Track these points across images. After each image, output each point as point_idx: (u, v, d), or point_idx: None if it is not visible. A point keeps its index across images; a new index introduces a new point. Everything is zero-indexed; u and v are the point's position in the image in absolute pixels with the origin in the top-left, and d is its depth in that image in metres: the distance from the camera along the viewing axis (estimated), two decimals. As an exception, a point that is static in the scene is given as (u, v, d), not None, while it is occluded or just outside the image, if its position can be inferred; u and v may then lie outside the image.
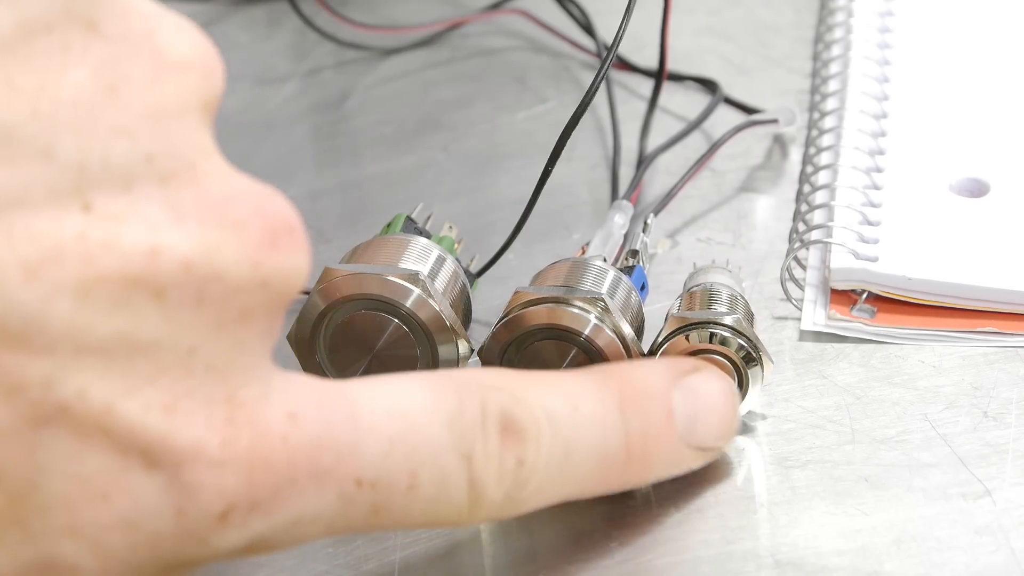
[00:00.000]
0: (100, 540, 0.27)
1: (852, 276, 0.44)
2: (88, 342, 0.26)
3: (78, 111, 0.27)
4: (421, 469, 0.31)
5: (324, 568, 0.38)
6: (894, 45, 0.55)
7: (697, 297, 0.41)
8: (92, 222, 0.27)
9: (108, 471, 0.27)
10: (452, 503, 0.31)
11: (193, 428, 0.28)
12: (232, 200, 0.28)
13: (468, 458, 0.31)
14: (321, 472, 0.29)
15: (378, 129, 0.56)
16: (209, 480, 0.28)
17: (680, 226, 0.49)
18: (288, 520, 0.29)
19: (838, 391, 0.42)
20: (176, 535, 0.28)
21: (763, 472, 0.39)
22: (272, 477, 0.29)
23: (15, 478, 0.26)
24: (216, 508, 0.28)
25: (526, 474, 0.32)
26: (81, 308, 0.26)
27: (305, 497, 0.29)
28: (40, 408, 0.26)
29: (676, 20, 0.55)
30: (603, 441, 0.34)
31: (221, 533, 0.28)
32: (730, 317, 0.39)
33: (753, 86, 0.56)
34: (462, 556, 0.38)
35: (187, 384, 0.28)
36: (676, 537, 0.37)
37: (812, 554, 0.37)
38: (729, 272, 0.43)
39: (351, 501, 0.30)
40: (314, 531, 0.30)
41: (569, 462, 0.33)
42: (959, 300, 0.44)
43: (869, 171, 0.48)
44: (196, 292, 0.27)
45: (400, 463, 0.30)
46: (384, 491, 0.30)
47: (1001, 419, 0.40)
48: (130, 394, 0.27)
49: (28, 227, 0.26)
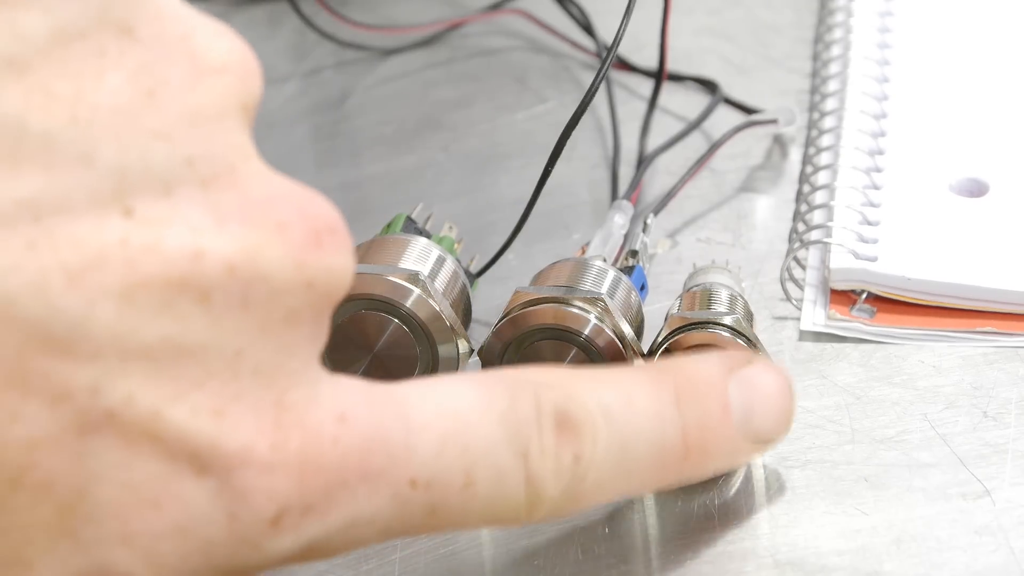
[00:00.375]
0: (152, 549, 0.27)
1: (852, 276, 0.44)
2: (133, 347, 0.26)
3: (116, 116, 0.27)
4: (476, 467, 0.30)
5: (324, 568, 0.38)
6: (894, 45, 0.55)
7: (697, 297, 0.41)
8: (134, 227, 0.26)
9: (158, 478, 0.27)
10: (510, 501, 0.31)
11: (242, 432, 0.27)
12: (273, 201, 0.28)
13: (524, 455, 0.31)
14: (373, 473, 0.29)
15: (378, 129, 0.56)
16: (260, 484, 0.28)
17: (680, 226, 0.49)
18: (343, 523, 0.29)
19: (838, 391, 0.42)
20: (229, 541, 0.28)
21: (763, 472, 0.39)
22: (324, 479, 0.28)
23: (64, 487, 0.26)
24: (268, 512, 0.28)
25: (583, 470, 0.32)
26: (125, 313, 0.26)
27: (359, 499, 0.29)
28: (87, 415, 0.26)
29: (676, 20, 0.55)
30: (660, 435, 0.34)
31: (274, 538, 0.28)
32: (729, 317, 0.40)
33: (753, 86, 0.56)
34: (462, 556, 0.38)
35: (235, 388, 0.27)
36: (676, 537, 0.38)
37: (812, 554, 0.37)
38: (729, 272, 0.43)
39: (406, 502, 0.30)
40: (371, 533, 0.30)
41: (626, 456, 0.33)
42: (959, 300, 0.44)
43: (869, 171, 0.48)
44: (241, 294, 0.27)
45: (454, 462, 0.30)
46: (439, 491, 0.30)
47: (1001, 419, 0.40)
48: (178, 399, 0.27)
49: (70, 233, 0.26)
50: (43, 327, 0.25)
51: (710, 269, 0.43)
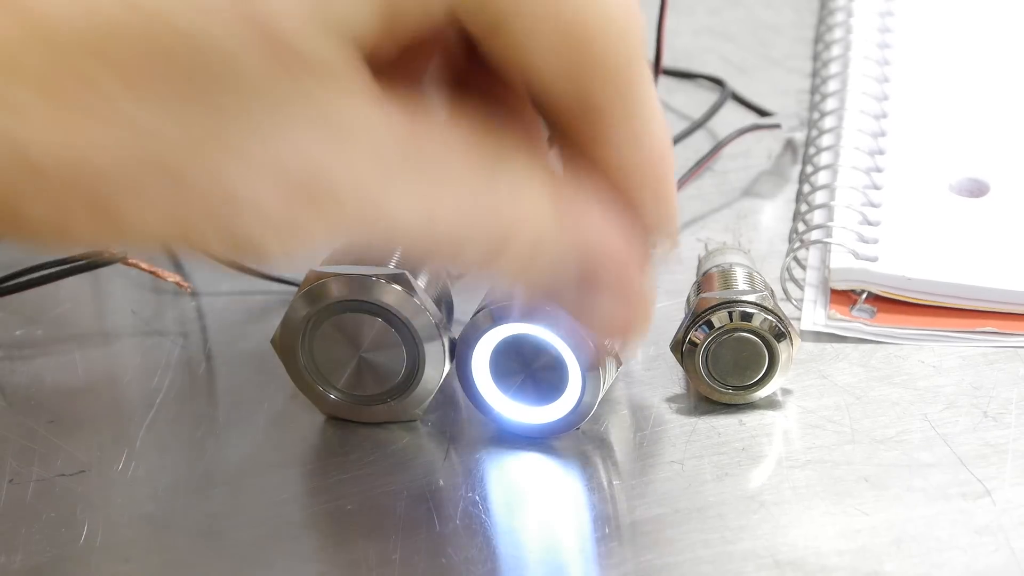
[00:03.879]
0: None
1: (852, 276, 0.44)
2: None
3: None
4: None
5: (324, 567, 0.38)
6: (894, 45, 0.55)
7: (716, 278, 0.42)
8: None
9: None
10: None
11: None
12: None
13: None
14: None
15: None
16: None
17: (680, 226, 0.49)
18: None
19: (838, 391, 0.42)
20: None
21: (763, 472, 0.39)
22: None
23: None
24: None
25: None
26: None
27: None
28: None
29: (676, 20, 0.55)
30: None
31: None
32: (755, 295, 0.40)
33: (753, 86, 0.56)
34: (463, 556, 0.38)
35: None
36: (676, 537, 0.38)
37: (812, 554, 0.37)
38: (742, 251, 0.44)
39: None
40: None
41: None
42: (959, 300, 0.44)
43: (869, 171, 0.48)
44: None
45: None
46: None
47: (1001, 419, 0.40)
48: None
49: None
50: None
51: (725, 250, 0.44)
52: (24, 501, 0.40)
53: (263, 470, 0.41)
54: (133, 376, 0.44)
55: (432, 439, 0.41)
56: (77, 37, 0.27)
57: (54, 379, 0.44)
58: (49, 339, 0.46)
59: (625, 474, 0.40)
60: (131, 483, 0.40)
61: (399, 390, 0.41)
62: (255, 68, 0.27)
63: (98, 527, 0.39)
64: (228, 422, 0.42)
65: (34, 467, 0.41)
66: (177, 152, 0.27)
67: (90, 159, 0.27)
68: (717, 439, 0.40)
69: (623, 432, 0.41)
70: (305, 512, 0.39)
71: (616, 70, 0.31)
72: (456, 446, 0.41)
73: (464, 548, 0.38)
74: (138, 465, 0.41)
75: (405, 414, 0.41)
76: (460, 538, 0.38)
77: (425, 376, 0.40)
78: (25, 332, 0.46)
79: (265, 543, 0.38)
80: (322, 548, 0.38)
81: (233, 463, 0.41)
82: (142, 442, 0.41)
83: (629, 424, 0.41)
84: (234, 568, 0.38)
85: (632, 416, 0.41)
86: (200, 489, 0.40)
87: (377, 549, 0.38)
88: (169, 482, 0.40)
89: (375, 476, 0.40)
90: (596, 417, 0.41)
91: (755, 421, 0.41)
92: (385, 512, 0.39)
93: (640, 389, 0.42)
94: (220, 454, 0.41)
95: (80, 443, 0.41)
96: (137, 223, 0.28)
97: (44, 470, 0.41)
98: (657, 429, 0.41)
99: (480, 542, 0.38)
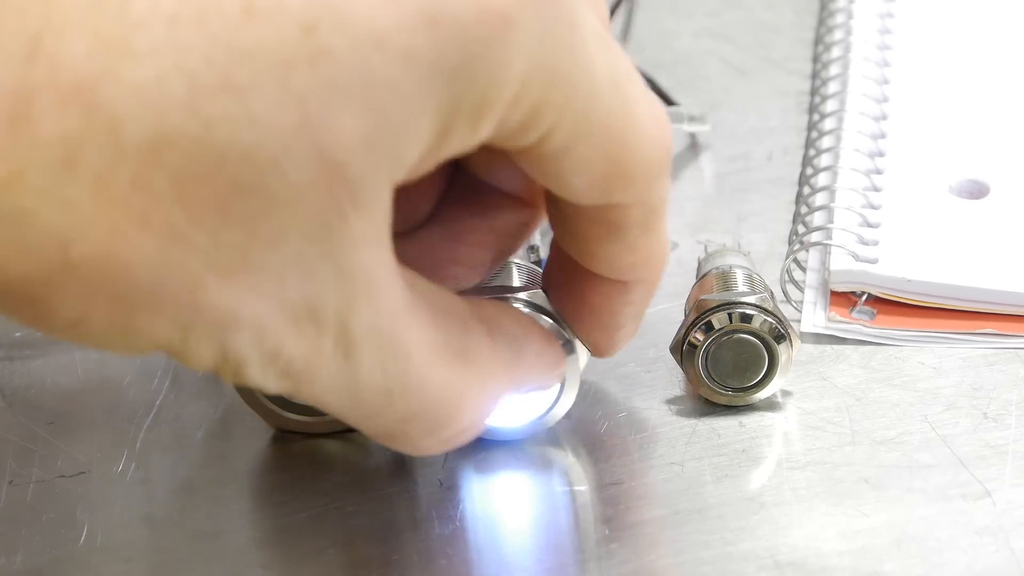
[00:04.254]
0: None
1: (852, 278, 0.44)
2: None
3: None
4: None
5: (324, 568, 0.38)
6: (894, 46, 0.55)
7: (716, 280, 0.42)
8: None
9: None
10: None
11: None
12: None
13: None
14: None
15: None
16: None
17: (680, 228, 0.49)
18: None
19: (838, 393, 0.42)
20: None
21: (763, 473, 0.39)
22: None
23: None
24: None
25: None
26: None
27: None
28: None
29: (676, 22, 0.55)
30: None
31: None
32: (754, 296, 0.40)
33: (753, 88, 0.56)
34: (463, 558, 0.38)
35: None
36: (676, 538, 0.37)
37: (812, 555, 0.37)
38: (741, 253, 0.44)
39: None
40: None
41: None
42: (959, 302, 0.44)
43: (869, 173, 0.48)
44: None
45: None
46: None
47: (1001, 420, 0.40)
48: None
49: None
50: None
51: (724, 252, 0.44)
52: (24, 502, 0.40)
53: (263, 470, 0.41)
54: (133, 377, 0.44)
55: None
56: (140, 140, 0.27)
57: (54, 380, 0.44)
58: (49, 340, 0.46)
59: (625, 475, 0.40)
60: (131, 484, 0.40)
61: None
62: (307, 200, 0.28)
63: (98, 528, 0.39)
64: (229, 423, 0.42)
65: (34, 468, 0.41)
66: (205, 263, 0.27)
67: (125, 259, 0.27)
68: (717, 441, 0.40)
69: (623, 434, 0.41)
70: (306, 513, 0.39)
71: (648, 188, 0.33)
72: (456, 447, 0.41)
73: (463, 550, 0.38)
74: (138, 466, 0.41)
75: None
76: (460, 540, 0.38)
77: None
78: (25, 332, 0.46)
79: (265, 544, 0.38)
80: (322, 550, 0.38)
81: (233, 463, 0.41)
82: (142, 443, 0.41)
83: (629, 426, 0.41)
84: (234, 569, 0.38)
85: (631, 418, 0.41)
86: (200, 490, 0.40)
87: (377, 551, 0.38)
88: (169, 483, 0.40)
89: (375, 478, 0.40)
90: (595, 419, 0.41)
91: (755, 423, 0.41)
92: (385, 514, 0.39)
93: (639, 391, 0.42)
94: (221, 454, 0.41)
95: (80, 444, 0.41)
96: (147, 324, 0.28)
97: (44, 471, 0.41)
98: (657, 431, 0.41)
99: (479, 544, 0.38)
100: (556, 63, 0.30)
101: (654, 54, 0.54)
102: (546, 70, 0.29)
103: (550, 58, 0.29)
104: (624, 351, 0.43)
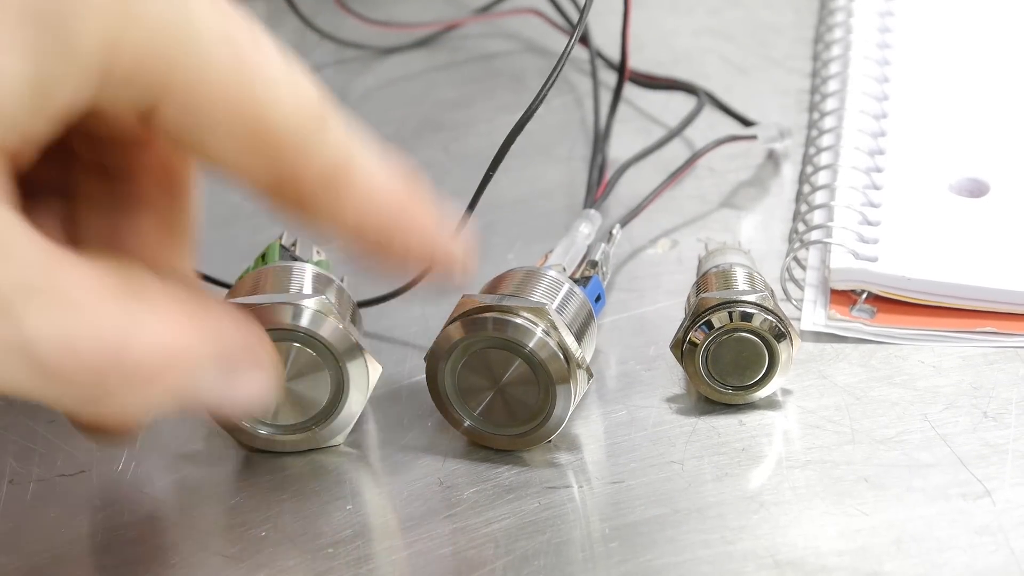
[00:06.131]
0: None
1: (852, 276, 0.44)
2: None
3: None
4: None
5: (324, 568, 0.38)
6: (894, 45, 0.55)
7: (716, 279, 0.42)
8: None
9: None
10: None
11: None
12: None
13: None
14: None
15: (378, 129, 0.56)
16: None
17: (680, 226, 0.49)
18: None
19: (838, 391, 0.42)
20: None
21: (763, 472, 0.39)
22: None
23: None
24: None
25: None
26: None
27: None
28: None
29: (676, 21, 0.55)
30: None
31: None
32: (755, 295, 0.40)
33: (753, 86, 0.56)
34: (467, 556, 0.38)
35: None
36: (676, 537, 0.38)
37: (812, 554, 0.37)
38: (742, 251, 0.44)
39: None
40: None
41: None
42: (958, 300, 0.44)
43: (869, 171, 0.48)
44: None
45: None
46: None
47: (1001, 419, 0.40)
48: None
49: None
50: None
51: (725, 250, 0.44)
52: (24, 501, 0.40)
53: (264, 471, 0.41)
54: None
55: (432, 440, 0.41)
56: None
57: (54, 379, 0.44)
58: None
59: (625, 474, 0.40)
60: (131, 483, 0.40)
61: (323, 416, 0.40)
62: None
63: (98, 527, 0.39)
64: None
65: (34, 467, 0.41)
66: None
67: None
68: (717, 439, 0.40)
69: (622, 432, 0.41)
70: (308, 512, 0.39)
71: (302, 154, 0.32)
72: (456, 447, 0.41)
73: (465, 548, 0.38)
74: (138, 465, 0.41)
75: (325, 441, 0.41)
76: (461, 539, 0.38)
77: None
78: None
79: (266, 544, 0.38)
80: (324, 548, 0.38)
81: (234, 463, 0.41)
82: (142, 442, 0.41)
83: (629, 424, 0.41)
84: (235, 568, 0.38)
85: (632, 416, 0.41)
86: (201, 490, 0.40)
87: (380, 547, 0.38)
88: (169, 483, 0.41)
89: (376, 475, 0.40)
90: (595, 417, 0.41)
91: (755, 421, 0.41)
92: (389, 511, 0.39)
93: (639, 389, 0.42)
94: (222, 455, 0.41)
95: (80, 443, 0.41)
96: None
97: (44, 470, 0.41)
98: (657, 429, 0.41)
99: (480, 543, 0.38)
100: (148, 16, 0.29)
101: (654, 52, 0.54)
102: (138, 22, 0.29)
103: (139, 6, 0.29)
104: (624, 349, 0.44)
